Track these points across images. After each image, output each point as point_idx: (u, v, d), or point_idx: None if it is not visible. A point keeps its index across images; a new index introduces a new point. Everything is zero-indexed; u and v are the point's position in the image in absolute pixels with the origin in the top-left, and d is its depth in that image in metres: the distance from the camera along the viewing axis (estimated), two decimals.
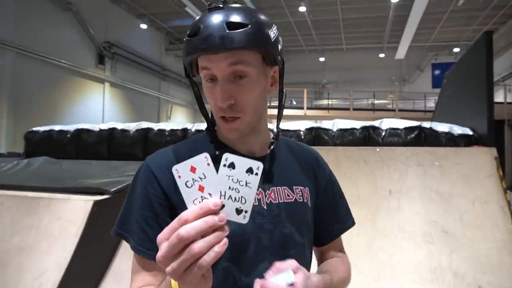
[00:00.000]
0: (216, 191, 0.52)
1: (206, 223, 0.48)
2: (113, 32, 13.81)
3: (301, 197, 0.80)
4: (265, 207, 0.74)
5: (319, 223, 0.84)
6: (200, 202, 0.51)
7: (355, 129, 3.50)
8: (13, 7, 9.92)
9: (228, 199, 0.52)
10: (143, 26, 15.61)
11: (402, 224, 2.47)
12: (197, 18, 0.70)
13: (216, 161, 0.53)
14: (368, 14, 14.38)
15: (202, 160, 0.52)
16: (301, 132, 3.64)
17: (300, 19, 14.87)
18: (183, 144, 0.82)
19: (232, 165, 0.52)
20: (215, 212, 0.50)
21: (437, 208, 2.51)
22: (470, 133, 3.23)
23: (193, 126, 3.99)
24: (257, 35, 0.67)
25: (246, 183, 0.52)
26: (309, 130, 3.64)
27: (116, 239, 2.35)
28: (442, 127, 3.32)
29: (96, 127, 4.21)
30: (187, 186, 0.52)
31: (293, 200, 0.78)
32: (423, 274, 2.23)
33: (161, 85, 17.33)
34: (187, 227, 0.47)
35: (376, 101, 17.12)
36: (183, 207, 0.51)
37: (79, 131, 4.17)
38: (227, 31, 0.65)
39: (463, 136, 3.23)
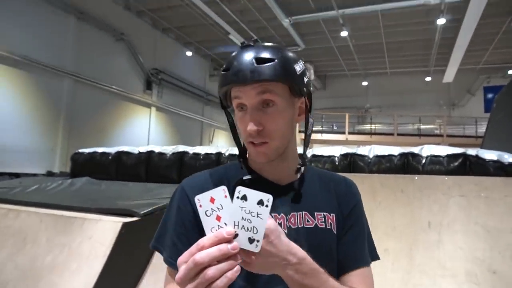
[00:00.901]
0: (230, 221, 0.58)
1: (220, 251, 0.54)
2: (161, 59, 14.59)
3: (323, 223, 0.82)
4: (285, 231, 0.77)
5: (338, 251, 0.84)
6: (217, 230, 0.57)
7: (393, 155, 3.32)
8: (72, 38, 10.86)
9: (241, 229, 0.57)
10: (189, 53, 16.36)
11: (442, 261, 2.26)
12: (232, 54, 0.79)
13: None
14: (413, 37, 14.01)
15: (220, 192, 0.58)
16: (336, 158, 3.52)
17: (342, 44, 14.81)
18: (216, 170, 0.91)
19: (244, 197, 0.57)
20: (229, 240, 0.55)
21: (483, 244, 2.28)
22: None
23: (227, 150, 4.01)
24: (283, 69, 0.75)
25: (257, 214, 0.57)
26: (344, 156, 3.51)
27: (143, 262, 2.36)
28: (490, 154, 3.05)
29: (135, 149, 4.38)
30: (207, 215, 0.58)
31: (313, 226, 0.81)
32: None
33: (204, 109, 17.88)
34: (202, 254, 0.54)
35: (423, 126, 16.39)
36: None
37: (119, 154, 4.35)
38: (255, 65, 0.74)
39: None
